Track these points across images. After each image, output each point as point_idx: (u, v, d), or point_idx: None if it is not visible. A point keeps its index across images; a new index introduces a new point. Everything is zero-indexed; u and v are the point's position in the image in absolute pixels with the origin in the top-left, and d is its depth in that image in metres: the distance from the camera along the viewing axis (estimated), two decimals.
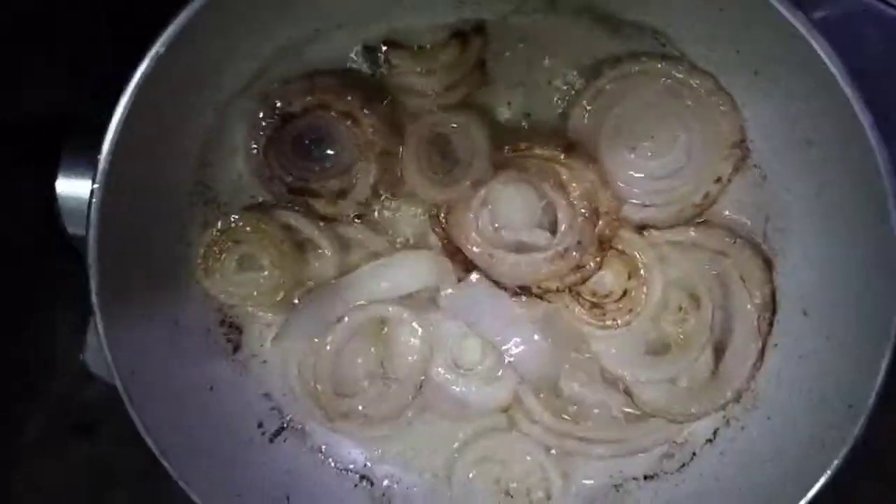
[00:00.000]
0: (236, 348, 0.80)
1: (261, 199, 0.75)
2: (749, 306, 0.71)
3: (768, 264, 0.71)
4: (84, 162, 0.68)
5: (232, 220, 0.73)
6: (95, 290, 0.66)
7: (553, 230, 0.72)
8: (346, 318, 0.75)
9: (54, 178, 0.68)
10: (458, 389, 0.76)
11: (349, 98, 0.68)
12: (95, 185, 0.63)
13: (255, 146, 0.70)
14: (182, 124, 0.68)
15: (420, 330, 0.75)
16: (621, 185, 0.70)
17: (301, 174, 0.71)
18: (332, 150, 0.71)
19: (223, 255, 0.74)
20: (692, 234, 0.71)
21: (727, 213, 0.71)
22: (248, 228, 0.73)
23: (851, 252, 0.64)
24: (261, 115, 0.70)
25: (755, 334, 0.72)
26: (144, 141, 0.65)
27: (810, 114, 0.61)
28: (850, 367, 0.65)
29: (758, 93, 0.64)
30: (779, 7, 0.53)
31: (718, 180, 0.69)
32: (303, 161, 0.71)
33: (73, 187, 0.69)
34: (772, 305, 0.71)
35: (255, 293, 0.75)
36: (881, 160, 0.56)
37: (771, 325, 0.72)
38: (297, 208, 0.73)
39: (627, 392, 0.75)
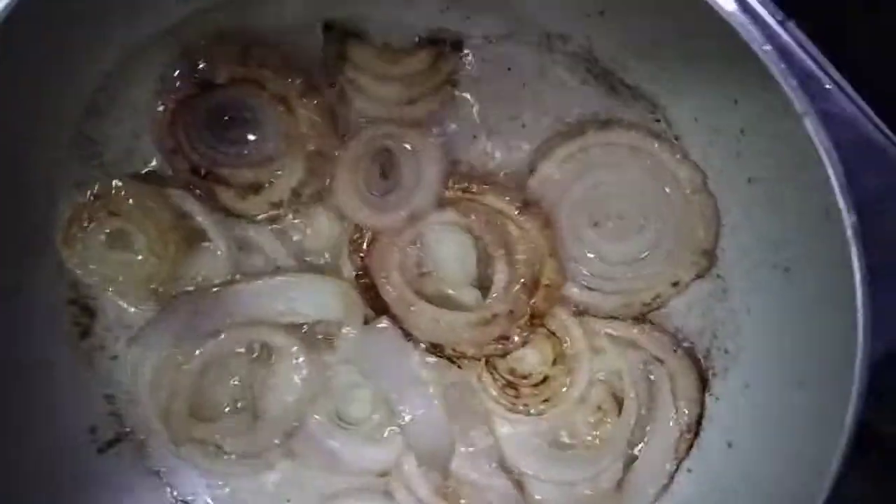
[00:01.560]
0: (83, 335, 0.67)
1: (153, 170, 0.63)
2: (672, 423, 0.64)
3: (703, 383, 0.64)
4: None
5: (114, 185, 0.60)
6: None
7: (484, 289, 0.63)
8: (224, 335, 0.64)
9: None
10: (334, 444, 0.66)
11: (289, 80, 0.57)
12: None
13: (161, 108, 0.58)
14: (77, 56, 0.55)
15: (305, 370, 0.64)
16: (571, 260, 0.62)
17: (211, 154, 0.59)
18: (254, 135, 0.59)
19: (92, 225, 0.61)
20: (633, 331, 0.64)
21: (674, 318, 0.64)
22: (130, 200, 0.60)
23: (798, 396, 0.58)
24: (176, 72, 0.57)
25: (672, 454, 0.65)
26: (23, 63, 0.51)
27: (800, 241, 0.54)
28: None
29: (747, 203, 0.57)
30: (807, 125, 0.46)
31: (675, 284, 0.62)
32: (217, 140, 0.59)
33: None
34: (696, 427, 0.65)
35: (121, 278, 0.63)
36: (862, 318, 0.50)
37: (690, 448, 0.65)
38: (197, 192, 0.61)
39: (519, 485, 0.67)
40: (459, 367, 0.64)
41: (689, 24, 0.49)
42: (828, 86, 0.63)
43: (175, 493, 0.70)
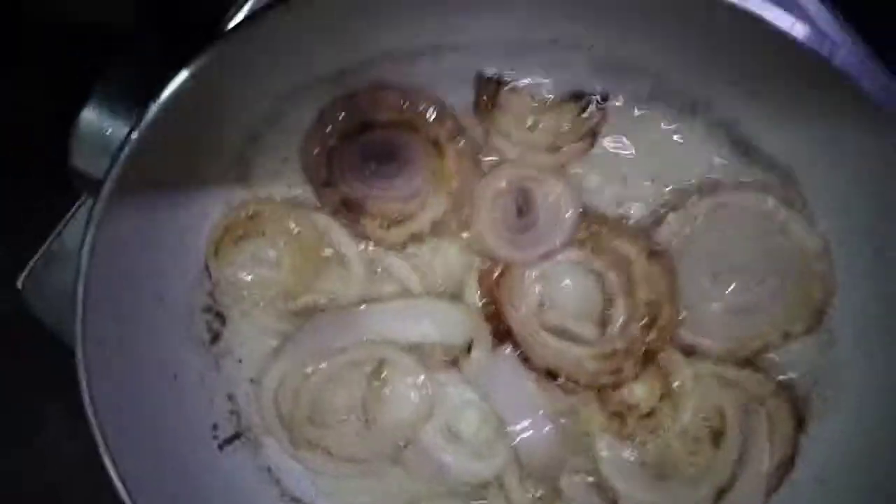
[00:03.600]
0: (214, 339, 0.72)
1: (297, 194, 0.67)
2: (766, 461, 0.68)
3: (800, 425, 0.68)
4: (122, 97, 0.57)
5: (268, 206, 0.64)
6: (88, 247, 0.57)
7: (602, 324, 0.66)
8: (351, 351, 0.68)
9: (80, 105, 0.57)
10: (444, 457, 0.70)
11: (446, 125, 0.60)
12: (134, 135, 0.53)
13: (319, 143, 0.61)
14: (251, 94, 0.59)
15: (424, 388, 0.68)
16: (688, 305, 0.65)
17: (361, 189, 0.63)
18: (403, 171, 0.63)
19: (241, 242, 0.65)
20: (738, 373, 0.67)
21: (778, 361, 0.67)
22: (281, 222, 0.64)
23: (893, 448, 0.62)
24: (340, 114, 0.60)
25: (762, 491, 0.68)
26: (201, 103, 0.55)
27: None
28: None
29: (868, 271, 0.60)
30: None
31: (786, 336, 0.65)
32: (368, 175, 0.62)
33: (101, 121, 0.58)
34: (788, 466, 0.68)
35: (266, 293, 0.67)
36: None
37: (780, 483, 0.69)
38: (342, 220, 0.65)
39: None
40: (572, 393, 0.68)
41: (839, 108, 0.52)
42: None
43: (281, 491, 0.74)
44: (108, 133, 0.57)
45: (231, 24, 0.51)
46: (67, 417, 0.74)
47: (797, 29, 0.48)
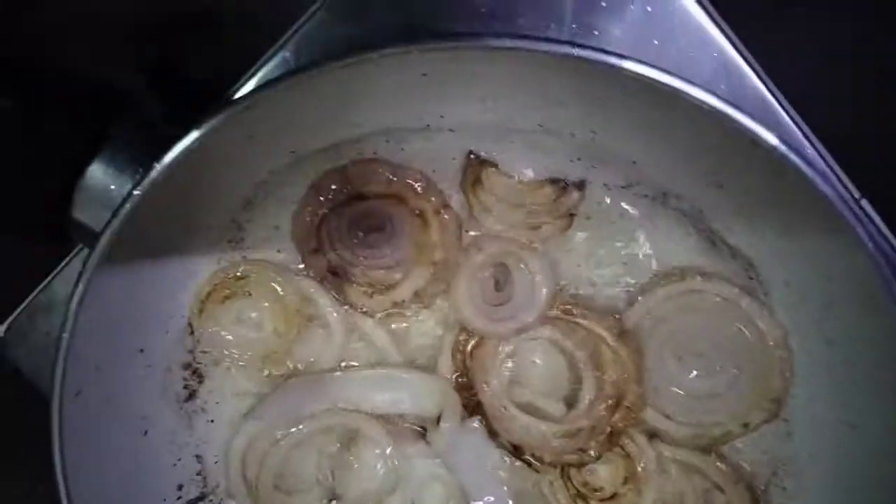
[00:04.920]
0: (189, 397, 0.72)
1: (285, 257, 0.69)
2: None
3: None
4: (129, 157, 0.60)
5: (255, 268, 0.66)
6: (78, 296, 0.58)
7: (569, 402, 0.68)
8: (323, 418, 0.69)
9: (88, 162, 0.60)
10: None
11: (432, 199, 0.64)
12: (137, 192, 0.56)
13: (311, 213, 0.65)
14: (250, 161, 0.62)
15: (391, 460, 0.69)
16: (654, 387, 0.68)
17: (348, 257, 0.66)
18: (390, 242, 0.66)
19: (226, 302, 0.67)
20: (700, 461, 0.69)
21: (739, 451, 0.69)
22: (267, 284, 0.66)
23: None
24: (333, 186, 0.64)
25: None
26: (203, 167, 0.58)
27: (869, 405, 0.59)
28: None
29: (822, 361, 0.63)
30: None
31: (745, 425, 0.67)
32: (355, 244, 0.65)
33: (105, 178, 0.61)
34: None
35: (239, 351, 0.68)
36: None
37: None
38: (327, 286, 0.67)
39: None
40: (537, 470, 0.69)
41: (796, 205, 0.56)
42: None
43: None
44: (111, 188, 0.60)
45: (238, 94, 0.54)
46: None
47: (766, 133, 0.53)
